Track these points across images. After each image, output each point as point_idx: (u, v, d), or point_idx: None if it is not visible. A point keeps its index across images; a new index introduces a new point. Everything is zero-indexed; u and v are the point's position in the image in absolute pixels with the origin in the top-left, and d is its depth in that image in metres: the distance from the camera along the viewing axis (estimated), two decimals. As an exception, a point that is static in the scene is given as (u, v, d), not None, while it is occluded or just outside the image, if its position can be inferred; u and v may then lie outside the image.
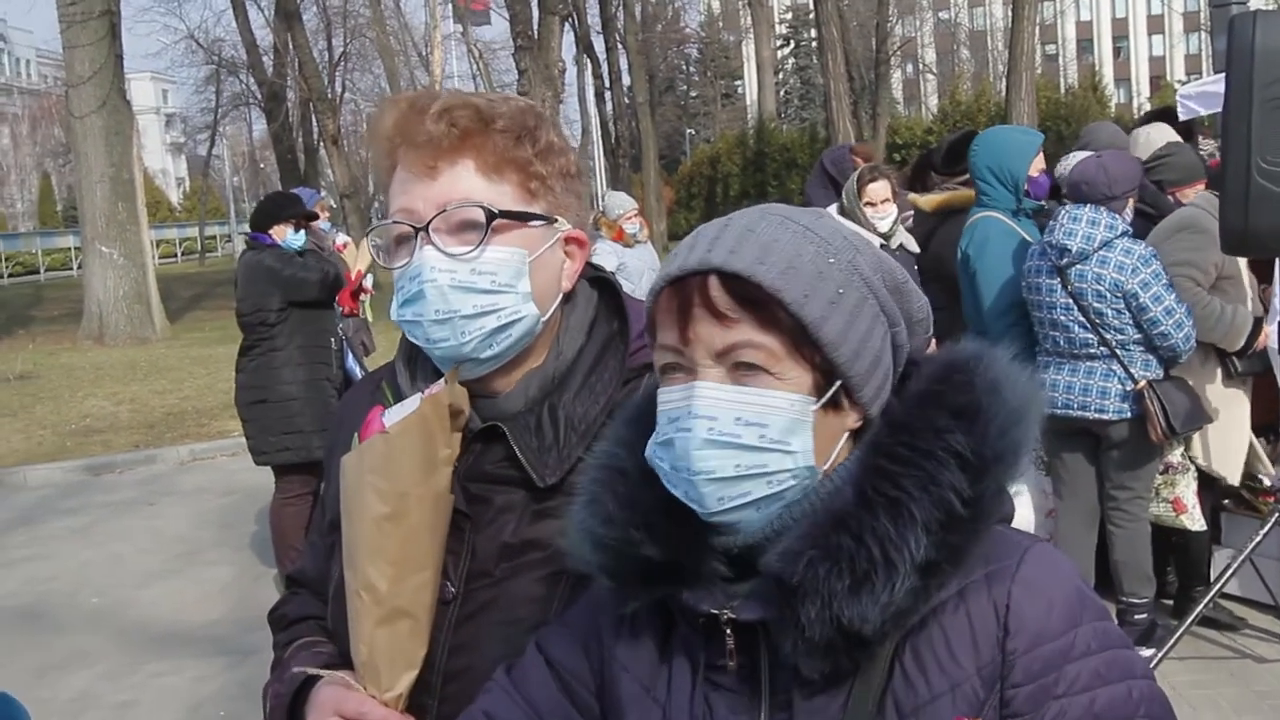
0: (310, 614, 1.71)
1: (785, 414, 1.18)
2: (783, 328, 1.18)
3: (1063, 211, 4.87)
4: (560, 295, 1.59)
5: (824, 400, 1.20)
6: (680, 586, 1.24)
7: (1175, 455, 5.04)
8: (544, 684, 1.39)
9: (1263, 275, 5.25)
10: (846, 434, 1.23)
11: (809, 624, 1.14)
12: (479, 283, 1.49)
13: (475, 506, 1.54)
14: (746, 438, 1.17)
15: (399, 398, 1.60)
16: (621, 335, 1.61)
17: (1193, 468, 5.10)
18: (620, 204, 8.15)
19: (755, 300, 1.18)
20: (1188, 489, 5.07)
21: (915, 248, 5.96)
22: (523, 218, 1.52)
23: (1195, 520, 5.07)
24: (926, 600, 1.16)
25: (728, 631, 1.22)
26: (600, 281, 1.67)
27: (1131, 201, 4.97)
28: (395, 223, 1.52)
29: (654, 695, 1.31)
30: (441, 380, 1.56)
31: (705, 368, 1.19)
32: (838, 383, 1.20)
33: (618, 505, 1.27)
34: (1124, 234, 4.77)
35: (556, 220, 1.56)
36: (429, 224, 1.48)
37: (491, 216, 1.49)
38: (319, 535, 1.75)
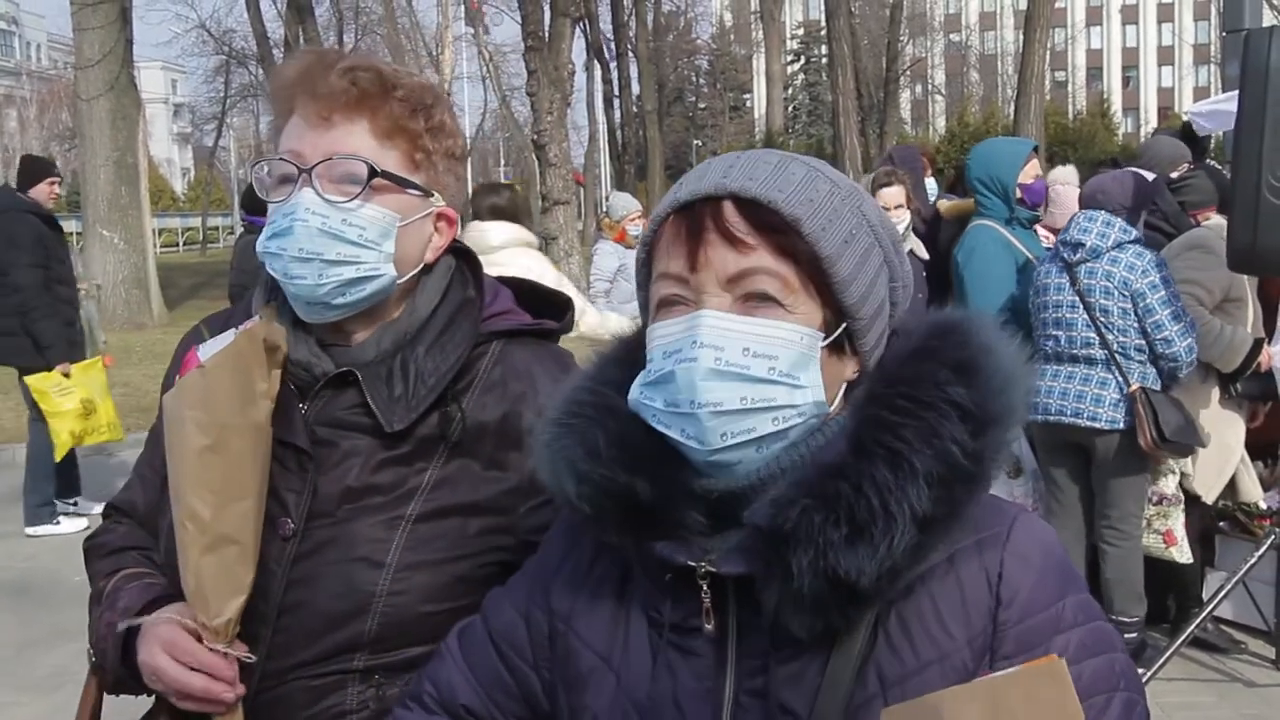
0: (135, 544, 1.73)
1: (795, 347, 1.14)
2: (799, 258, 1.15)
3: (1080, 214, 4.92)
4: (421, 264, 1.65)
5: (832, 338, 1.17)
6: (655, 536, 1.19)
7: (1170, 486, 5.00)
8: (482, 648, 1.39)
9: (1273, 303, 5.24)
10: (844, 385, 1.20)
11: (799, 574, 1.09)
12: (347, 233, 1.55)
13: (321, 449, 1.58)
14: (755, 369, 1.12)
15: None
16: (475, 302, 1.68)
17: (1184, 500, 5.07)
18: (624, 205, 8.18)
19: (773, 226, 1.15)
20: (1178, 521, 5.04)
21: (924, 254, 6.02)
22: (402, 183, 1.59)
23: (1184, 553, 5.05)
24: (921, 560, 1.12)
25: (704, 587, 1.17)
26: (461, 252, 1.74)
27: (1143, 214, 4.99)
28: (280, 159, 1.58)
29: (609, 662, 1.26)
30: (256, 316, 1.62)
31: (712, 296, 1.15)
32: (844, 324, 1.18)
33: (608, 442, 1.22)
34: (1137, 240, 4.81)
35: (433, 195, 1.63)
36: (313, 168, 1.55)
37: (373, 174, 1.56)
38: (149, 468, 1.76)
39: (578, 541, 1.34)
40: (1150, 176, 5.24)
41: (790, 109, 56.71)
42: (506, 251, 5.46)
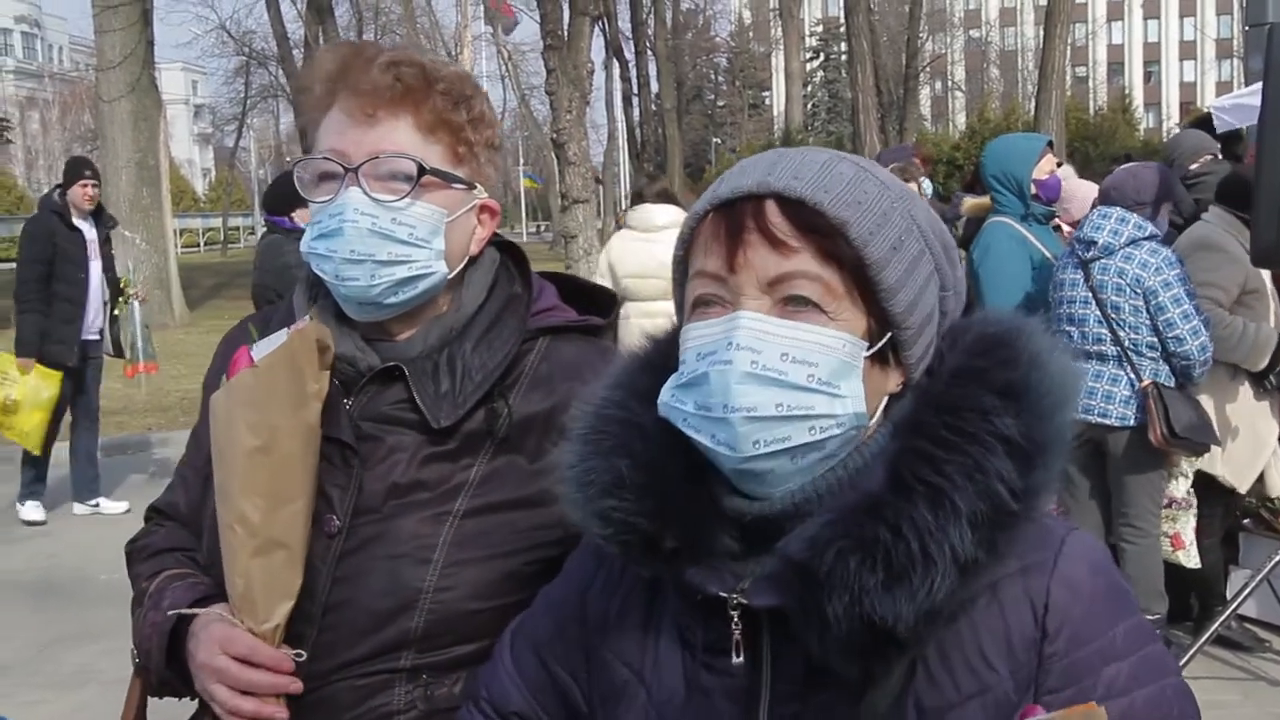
0: (178, 545, 1.72)
1: (836, 355, 1.08)
2: (843, 263, 1.09)
3: (1095, 210, 4.90)
4: (467, 258, 1.64)
5: (876, 349, 1.11)
6: (686, 563, 1.15)
7: (1180, 490, 4.96)
8: (531, 660, 1.38)
9: None
10: (885, 398, 1.15)
11: (835, 620, 1.05)
12: (398, 232, 1.54)
13: (366, 444, 1.57)
14: (793, 376, 1.07)
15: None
16: (522, 298, 1.67)
17: (1194, 505, 5.02)
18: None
19: (817, 229, 1.09)
20: (1187, 525, 4.99)
21: None
22: (448, 179, 1.58)
23: (1191, 557, 5.01)
24: (960, 601, 1.07)
25: (735, 618, 1.13)
26: (506, 245, 1.73)
27: (1165, 208, 4.94)
28: (325, 159, 1.56)
29: (640, 676, 1.24)
30: (306, 316, 1.60)
31: (751, 298, 1.10)
32: (889, 334, 1.12)
33: (634, 468, 1.16)
34: (1152, 236, 4.76)
35: (476, 187, 1.62)
36: (359, 167, 1.53)
37: (422, 171, 1.54)
38: (191, 469, 1.75)
39: (607, 556, 1.30)
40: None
41: (809, 106, 56.51)
42: (670, 231, 6.37)
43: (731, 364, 1.07)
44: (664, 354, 1.23)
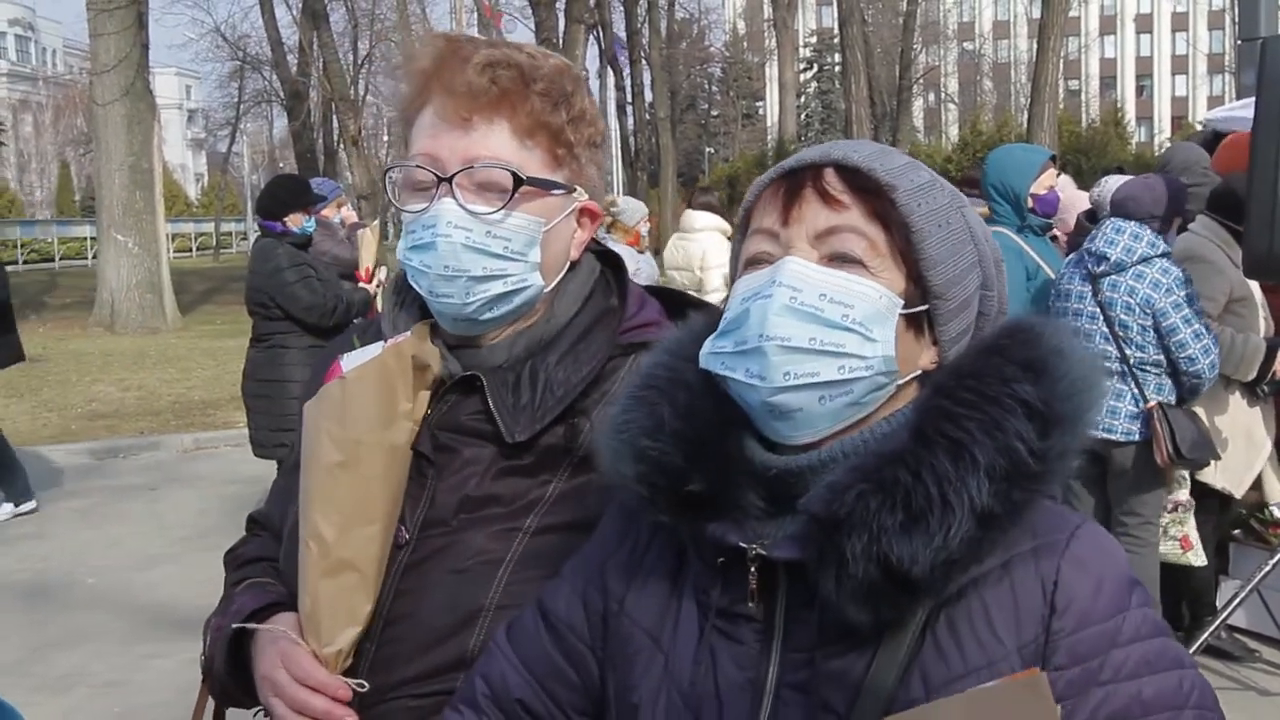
0: (266, 555, 1.69)
1: (873, 303, 1.14)
2: (890, 223, 1.17)
3: (1108, 222, 4.87)
4: (567, 266, 1.59)
5: (913, 310, 1.17)
6: (709, 516, 1.18)
7: (1183, 494, 4.98)
8: (534, 637, 1.36)
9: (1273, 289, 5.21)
10: (918, 372, 1.19)
11: (853, 560, 1.07)
12: (492, 246, 1.48)
13: (442, 455, 1.52)
14: (829, 313, 1.12)
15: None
16: (617, 311, 1.61)
17: (1195, 504, 5.03)
18: (637, 210, 8.30)
19: (868, 189, 1.17)
20: (1193, 527, 5.01)
21: None
22: (546, 185, 1.51)
23: (1200, 557, 5.02)
24: (978, 559, 1.09)
25: (752, 570, 1.16)
26: (605, 255, 1.67)
27: (1176, 223, 4.95)
28: (419, 167, 1.50)
29: (659, 644, 1.25)
30: (408, 331, 1.54)
31: (799, 249, 1.16)
32: (926, 305, 1.18)
33: (674, 415, 1.21)
34: (1165, 254, 4.75)
35: (576, 190, 1.55)
36: (454, 176, 1.47)
37: (519, 182, 1.48)
38: (283, 477, 1.73)
39: (633, 524, 1.32)
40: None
41: (803, 117, 56.40)
42: (705, 234, 8.47)
43: (771, 298, 1.13)
44: (714, 325, 1.25)
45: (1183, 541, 4.97)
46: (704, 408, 1.20)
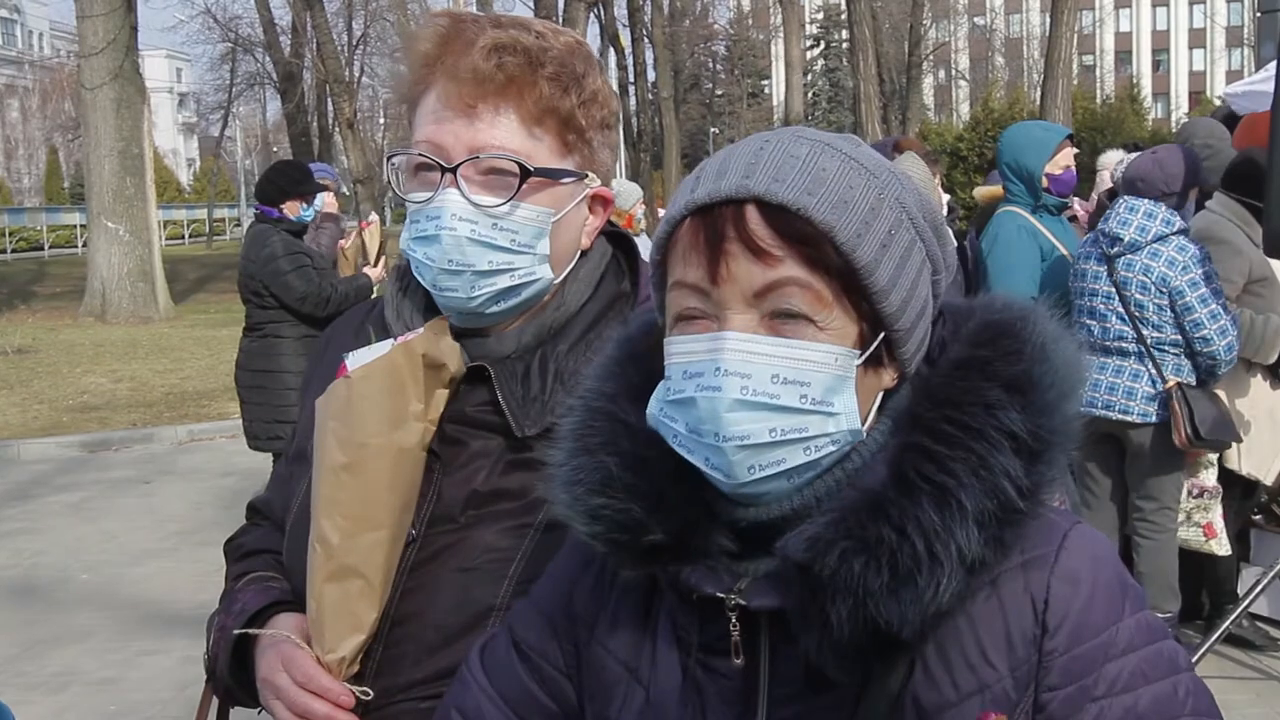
0: (268, 547, 1.64)
1: (829, 370, 1.04)
2: (831, 269, 1.03)
3: (1121, 201, 4.77)
4: (577, 255, 1.54)
5: (867, 355, 1.06)
6: (680, 562, 1.11)
7: (1210, 479, 4.87)
8: (510, 671, 1.29)
9: None
10: (880, 394, 1.10)
11: (838, 624, 1.01)
12: (498, 239, 1.43)
13: (448, 448, 1.47)
14: (785, 398, 1.02)
15: (385, 336, 1.51)
16: (629, 296, 1.56)
17: (1222, 492, 4.93)
18: (632, 193, 8.31)
19: (802, 236, 1.03)
20: (1218, 514, 4.91)
21: None
22: (555, 175, 1.46)
23: (1224, 545, 4.93)
24: (965, 600, 1.04)
25: (733, 620, 1.09)
26: (616, 237, 1.62)
27: (1193, 195, 4.83)
28: (422, 155, 1.45)
29: (637, 675, 1.19)
30: (420, 328, 1.47)
31: (736, 314, 1.04)
32: (881, 335, 1.07)
33: (622, 467, 1.12)
34: (1180, 231, 4.65)
35: (587, 177, 1.50)
36: (458, 166, 1.42)
37: (526, 174, 1.42)
38: (284, 464, 1.67)
39: (597, 556, 1.24)
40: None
41: (810, 95, 56.00)
42: None
43: (720, 390, 1.03)
44: (653, 348, 1.16)
45: (1206, 529, 4.87)
46: (652, 457, 1.12)
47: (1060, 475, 1.05)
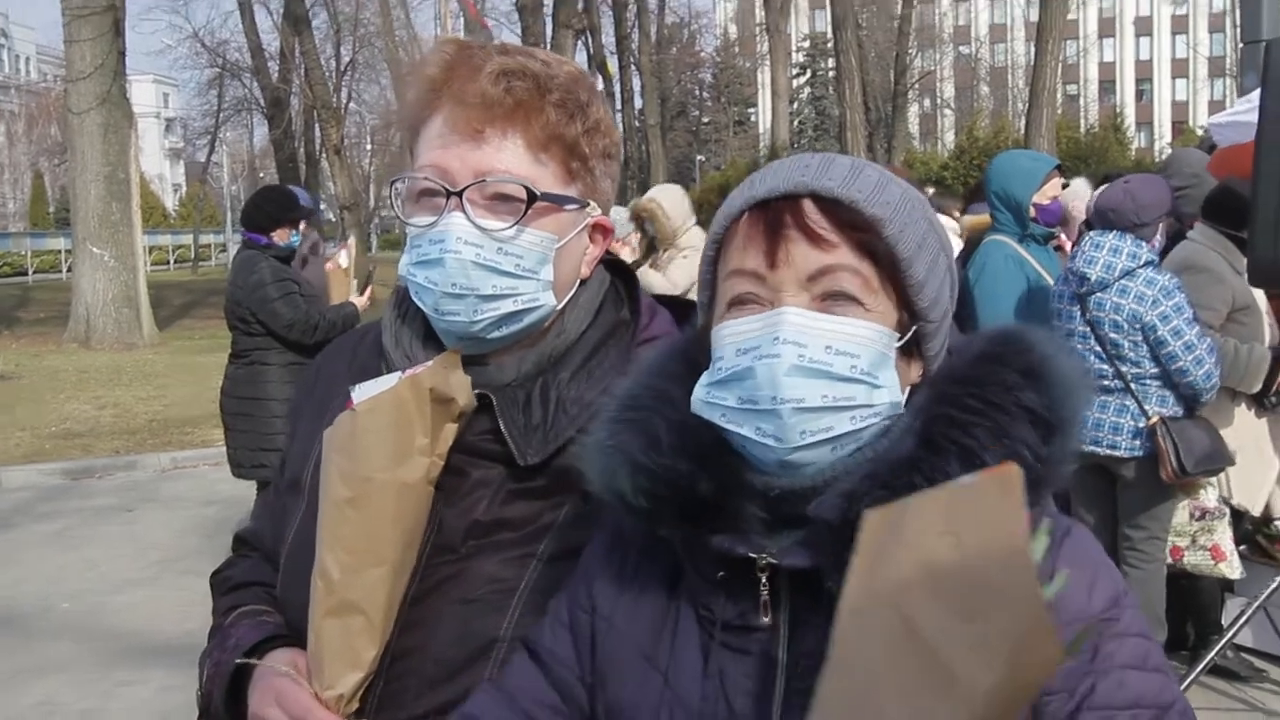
0: (258, 579, 1.63)
1: (875, 346, 1.14)
2: (878, 257, 1.15)
3: (1087, 238, 4.76)
4: (578, 283, 1.54)
5: (905, 339, 1.16)
6: (712, 529, 1.17)
7: (1211, 500, 4.84)
8: (520, 669, 1.33)
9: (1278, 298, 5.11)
10: (908, 388, 1.19)
11: None
12: (503, 264, 1.42)
13: (449, 478, 1.45)
14: (837, 366, 1.12)
15: (392, 368, 1.50)
16: (628, 324, 1.56)
17: (1229, 512, 4.90)
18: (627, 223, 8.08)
19: (854, 225, 1.14)
20: (1225, 535, 4.85)
21: None
22: (560, 201, 1.46)
23: (1234, 568, 4.87)
24: None
25: (763, 580, 1.16)
26: (615, 266, 1.62)
27: (1163, 227, 4.83)
28: (426, 180, 1.44)
29: (654, 662, 1.23)
30: (426, 359, 1.46)
31: (791, 295, 1.14)
32: (915, 326, 1.18)
33: (669, 429, 1.20)
34: (1148, 264, 4.62)
35: (589, 205, 1.51)
36: (464, 190, 1.41)
37: (533, 198, 1.43)
38: (274, 494, 1.65)
39: (620, 547, 1.31)
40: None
41: (796, 123, 56.06)
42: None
43: (779, 357, 1.11)
44: (687, 351, 1.26)
45: (1214, 551, 4.82)
46: (697, 427, 1.19)
47: (1071, 454, 1.13)
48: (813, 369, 1.11)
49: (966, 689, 0.87)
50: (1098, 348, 4.64)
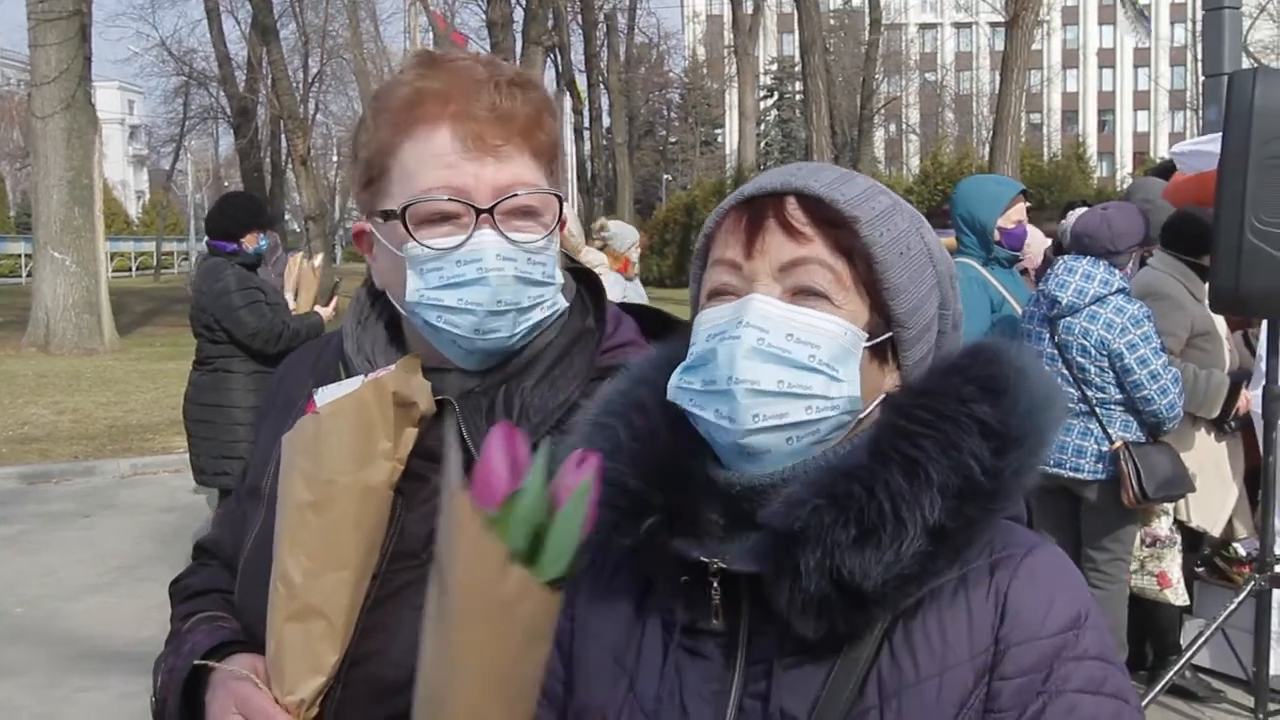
0: (217, 587, 1.61)
1: (838, 340, 1.14)
2: (853, 256, 1.16)
3: (1060, 262, 4.81)
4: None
5: (876, 341, 1.17)
6: (671, 535, 1.19)
7: (1164, 528, 4.92)
8: None
9: (1237, 324, 5.19)
10: (881, 396, 1.19)
11: (806, 574, 1.09)
12: (534, 273, 1.43)
13: (411, 484, 1.44)
14: (796, 354, 1.13)
15: (353, 373, 1.49)
16: (594, 332, 1.55)
17: (1179, 541, 4.98)
18: (628, 235, 8.00)
19: (830, 221, 1.16)
20: (1174, 563, 4.94)
21: None
22: (561, 206, 1.49)
23: (1179, 595, 4.96)
24: (932, 574, 1.11)
25: (714, 585, 1.17)
26: (580, 273, 1.61)
27: (1137, 255, 4.90)
28: (451, 201, 1.40)
29: (623, 664, 1.25)
30: (392, 366, 1.45)
31: (764, 285, 1.16)
32: (889, 332, 1.18)
33: (630, 435, 1.22)
34: (1119, 291, 4.68)
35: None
36: (494, 207, 1.39)
37: (561, 204, 1.44)
38: (235, 501, 1.63)
39: (598, 556, 1.29)
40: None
41: (763, 145, 56.33)
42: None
43: (739, 339, 1.13)
44: (679, 351, 1.25)
45: (1160, 578, 4.91)
46: (660, 429, 1.22)
47: (1030, 467, 1.12)
48: (770, 353, 1.12)
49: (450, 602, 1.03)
50: (1065, 371, 4.68)
